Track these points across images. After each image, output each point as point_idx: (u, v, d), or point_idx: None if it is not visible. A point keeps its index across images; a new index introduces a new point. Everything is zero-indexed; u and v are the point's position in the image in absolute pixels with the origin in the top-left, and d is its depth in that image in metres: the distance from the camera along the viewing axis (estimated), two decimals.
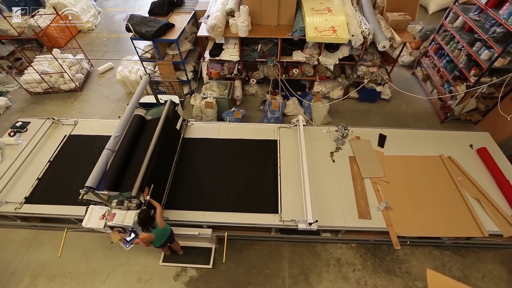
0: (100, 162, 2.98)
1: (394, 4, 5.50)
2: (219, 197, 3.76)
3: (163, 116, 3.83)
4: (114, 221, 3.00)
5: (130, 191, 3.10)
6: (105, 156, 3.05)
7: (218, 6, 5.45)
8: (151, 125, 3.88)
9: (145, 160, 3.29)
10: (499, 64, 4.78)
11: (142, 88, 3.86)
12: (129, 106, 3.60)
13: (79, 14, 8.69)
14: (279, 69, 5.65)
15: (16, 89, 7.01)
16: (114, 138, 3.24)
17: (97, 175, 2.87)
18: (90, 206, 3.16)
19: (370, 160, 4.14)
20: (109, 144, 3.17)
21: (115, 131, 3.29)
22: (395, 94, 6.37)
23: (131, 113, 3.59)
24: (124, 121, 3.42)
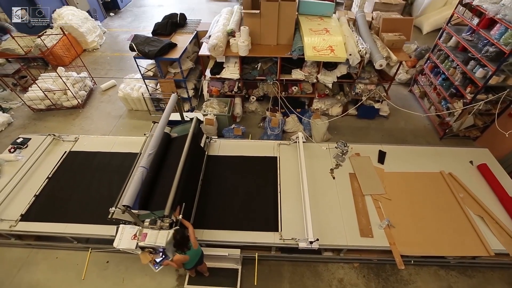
0: (135, 180, 2.91)
1: (389, 25, 5.70)
2: (219, 214, 3.70)
3: (190, 134, 3.80)
4: (146, 241, 2.85)
5: (161, 209, 2.99)
6: (140, 174, 2.98)
7: (220, 27, 5.65)
8: (177, 142, 3.85)
9: (176, 178, 3.20)
10: (494, 81, 4.88)
11: (172, 105, 3.87)
12: (160, 123, 3.58)
13: (85, 34, 8.99)
14: (278, 86, 5.75)
15: (19, 106, 7.10)
16: (148, 155, 3.18)
17: (133, 194, 2.79)
18: (121, 225, 3.02)
19: (370, 177, 4.12)
20: (143, 162, 3.11)
21: (149, 149, 3.24)
22: (394, 111, 6.45)
23: (163, 130, 3.56)
24: (156, 139, 3.38)
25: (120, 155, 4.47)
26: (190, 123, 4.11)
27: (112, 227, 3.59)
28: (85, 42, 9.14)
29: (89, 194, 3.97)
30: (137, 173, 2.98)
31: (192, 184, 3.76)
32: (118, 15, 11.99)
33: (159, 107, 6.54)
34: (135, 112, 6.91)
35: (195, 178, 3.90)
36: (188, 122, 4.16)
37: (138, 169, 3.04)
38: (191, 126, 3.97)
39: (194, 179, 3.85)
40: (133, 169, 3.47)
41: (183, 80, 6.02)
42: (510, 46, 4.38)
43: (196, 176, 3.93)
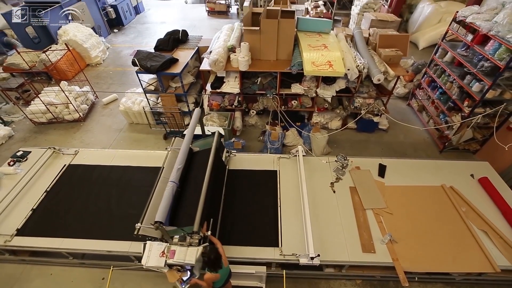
0: (166, 196, 2.86)
1: (386, 41, 5.84)
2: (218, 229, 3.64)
3: (213, 148, 3.77)
4: (175, 258, 2.74)
5: (188, 225, 2.91)
6: (171, 189, 2.94)
7: (220, 43, 5.79)
8: (200, 156, 3.82)
9: (202, 193, 3.13)
10: (490, 95, 4.94)
11: (196, 120, 3.87)
12: (186, 137, 3.57)
13: (89, 49, 9.20)
14: (278, 101, 5.82)
15: (21, 119, 7.16)
16: (177, 170, 3.15)
17: (166, 209, 2.74)
18: (148, 242, 2.91)
19: (371, 191, 4.09)
20: (172, 177, 3.08)
21: (177, 163, 3.21)
22: (393, 125, 6.49)
23: (189, 144, 3.55)
24: (183, 153, 3.37)
25: (119, 169, 4.46)
26: (212, 137, 4.08)
27: (108, 242, 3.53)
28: (89, 57, 9.33)
29: (87, 208, 3.92)
30: (167, 188, 2.92)
31: (216, 199, 3.69)
32: (121, 31, 12.32)
33: (160, 120, 6.59)
34: (135, 125, 6.95)
35: (219, 193, 3.84)
36: (210, 136, 4.14)
37: (168, 184, 2.97)
38: (214, 141, 3.92)
39: (218, 194, 3.78)
40: (157, 183, 3.43)
41: (184, 94, 6.10)
42: (504, 61, 4.47)
43: (219, 191, 3.86)
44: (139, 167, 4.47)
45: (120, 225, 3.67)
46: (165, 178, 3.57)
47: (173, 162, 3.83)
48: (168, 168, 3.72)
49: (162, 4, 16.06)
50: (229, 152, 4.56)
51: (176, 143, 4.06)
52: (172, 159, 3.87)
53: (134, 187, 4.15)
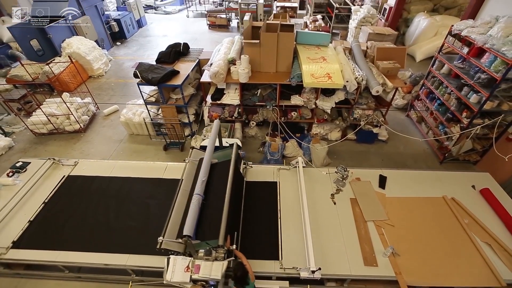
0: (192, 209, 2.83)
1: (383, 54, 5.95)
2: None
3: (233, 160, 3.74)
4: (200, 273, 2.66)
5: (212, 239, 2.84)
6: (197, 202, 2.90)
7: (221, 55, 5.89)
8: (219, 168, 3.78)
9: (225, 206, 3.08)
10: (488, 107, 4.98)
11: (216, 131, 3.87)
12: (208, 149, 3.55)
13: (91, 62, 9.35)
14: (278, 112, 5.86)
15: (21, 130, 7.19)
16: (202, 182, 3.12)
17: (193, 223, 2.70)
18: (172, 256, 2.83)
19: (372, 202, 4.05)
20: (197, 189, 3.05)
21: (201, 175, 3.19)
22: (392, 135, 6.51)
23: (211, 156, 3.54)
24: (206, 165, 3.35)
25: (118, 180, 4.43)
26: (229, 149, 4.06)
27: (106, 255, 3.47)
28: (91, 69, 9.48)
29: (84, 220, 3.87)
30: (193, 201, 2.89)
31: (237, 212, 3.64)
32: (124, 44, 12.57)
33: (160, 131, 6.61)
34: (135, 136, 6.97)
35: (239, 205, 3.79)
36: (227, 148, 4.13)
37: (193, 197, 2.94)
38: (233, 152, 3.90)
39: (238, 207, 3.73)
40: (176, 195, 3.40)
41: (184, 105, 6.15)
42: (500, 73, 4.54)
43: (239, 204, 3.81)
44: (139, 178, 4.45)
45: (118, 237, 3.61)
46: (185, 190, 3.55)
47: (191, 174, 3.82)
48: (187, 180, 3.70)
49: (164, 18, 16.46)
50: (246, 163, 4.53)
51: (193, 155, 4.06)
52: (190, 170, 3.86)
53: (133, 199, 4.11)
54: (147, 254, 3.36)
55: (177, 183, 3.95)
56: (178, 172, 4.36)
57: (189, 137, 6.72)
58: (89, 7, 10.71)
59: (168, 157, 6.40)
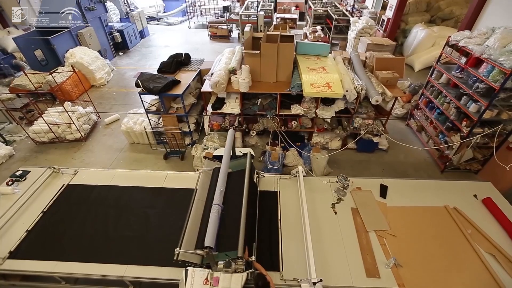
0: (212, 219, 2.78)
1: (382, 64, 6.03)
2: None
3: (247, 170, 3.70)
4: (219, 286, 2.59)
5: (231, 250, 2.78)
6: (216, 212, 2.86)
7: (222, 65, 5.97)
8: (233, 178, 3.74)
9: (242, 216, 3.03)
10: (488, 116, 5.01)
11: (231, 140, 3.85)
12: (225, 159, 3.53)
13: (94, 71, 9.48)
14: (278, 121, 5.89)
15: (22, 139, 7.21)
16: (220, 193, 3.09)
17: (214, 234, 2.65)
18: (189, 269, 2.75)
19: (373, 212, 4.01)
20: (216, 199, 3.01)
21: (219, 186, 3.15)
22: (393, 144, 6.51)
23: (228, 166, 3.52)
24: (224, 175, 3.33)
25: (118, 189, 4.41)
26: (243, 158, 4.04)
27: (103, 265, 3.42)
28: (94, 78, 9.59)
29: (83, 229, 3.83)
30: (213, 212, 2.85)
31: (253, 223, 3.58)
32: (126, 54, 12.76)
33: (160, 140, 6.63)
34: (136, 145, 6.99)
35: (254, 215, 3.74)
36: (241, 157, 4.13)
37: (213, 207, 2.90)
38: (247, 162, 3.86)
39: (253, 217, 3.68)
40: (191, 205, 3.37)
41: (185, 114, 6.19)
42: (498, 82, 4.58)
43: (254, 214, 3.75)
44: (138, 187, 4.43)
45: (116, 247, 3.56)
46: (200, 200, 3.52)
47: (206, 184, 3.79)
48: (202, 190, 3.66)
49: (166, 29, 16.78)
50: (258, 173, 4.52)
51: (206, 165, 4.04)
52: (204, 180, 3.84)
53: (132, 208, 4.08)
54: (145, 265, 3.31)
55: (176, 192, 3.92)
56: (178, 181, 4.34)
57: (189, 146, 6.74)
58: (93, 18, 10.94)
59: (168, 166, 6.39)
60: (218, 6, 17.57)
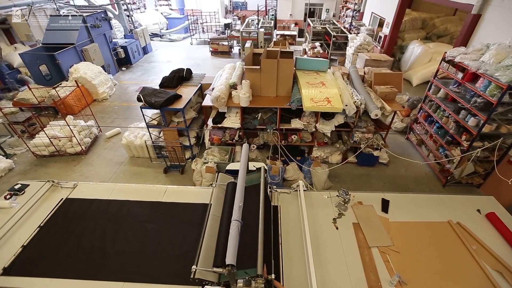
0: (233, 235, 2.71)
1: (380, 79, 6.13)
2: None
3: (262, 185, 3.68)
4: None
5: (250, 267, 2.71)
6: (236, 228, 2.79)
7: (222, 80, 6.07)
8: (247, 192, 3.73)
9: (260, 232, 2.97)
10: (487, 130, 5.02)
11: (246, 154, 3.84)
12: (241, 173, 3.50)
13: (97, 86, 9.64)
14: (278, 135, 5.92)
15: (23, 152, 7.22)
16: (239, 208, 3.03)
17: (235, 250, 2.58)
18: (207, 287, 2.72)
19: (375, 227, 3.94)
20: (235, 215, 2.95)
21: (237, 201, 3.11)
22: (393, 158, 6.50)
23: (244, 180, 3.48)
24: (241, 190, 3.29)
25: (117, 203, 4.36)
26: (256, 173, 4.02)
27: (99, 283, 3.33)
28: (96, 93, 9.74)
29: (80, 245, 3.75)
30: (233, 228, 2.78)
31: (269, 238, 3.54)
32: (129, 69, 13.02)
33: (161, 154, 6.63)
34: (136, 159, 6.98)
35: (270, 231, 3.69)
36: (254, 172, 4.11)
37: (232, 223, 2.84)
38: (261, 177, 3.84)
39: (269, 233, 3.64)
40: (206, 221, 3.32)
41: (185, 128, 6.23)
42: (496, 97, 4.63)
43: (269, 229, 3.71)
44: (137, 202, 4.38)
45: (113, 264, 3.48)
46: (215, 215, 3.46)
47: (220, 199, 3.75)
48: (217, 205, 3.61)
49: (169, 45, 17.21)
50: (271, 188, 4.48)
51: (220, 179, 4.02)
52: (219, 195, 3.80)
53: (131, 223, 4.02)
54: (142, 282, 3.22)
55: (176, 206, 3.88)
56: (178, 196, 4.30)
57: (189, 160, 6.73)
58: (98, 35, 11.26)
59: (168, 180, 6.36)
60: (219, 23, 18.11)
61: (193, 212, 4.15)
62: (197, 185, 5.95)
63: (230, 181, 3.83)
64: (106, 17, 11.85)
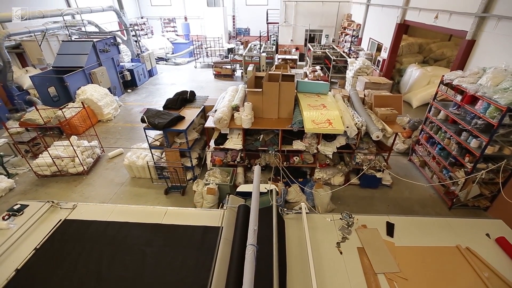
0: (248, 261, 2.64)
1: (380, 101, 6.22)
2: None
3: (274, 207, 3.64)
4: None
5: None
6: (252, 253, 2.74)
7: (225, 102, 6.19)
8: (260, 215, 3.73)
9: (274, 257, 2.93)
10: (490, 151, 5.00)
11: (258, 176, 3.84)
12: (254, 195, 3.47)
13: (102, 107, 9.85)
14: (280, 157, 5.91)
15: (25, 172, 7.24)
16: (254, 232, 2.98)
17: (251, 277, 2.50)
18: None
19: (381, 252, 3.80)
20: (251, 239, 2.90)
21: (252, 224, 3.06)
22: (397, 180, 6.42)
23: (258, 203, 3.43)
24: (255, 213, 3.24)
25: (116, 225, 4.28)
26: (267, 195, 3.98)
27: None
28: (101, 114, 9.93)
29: (75, 269, 3.63)
30: (249, 253, 2.72)
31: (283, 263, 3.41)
32: (135, 91, 13.37)
33: (162, 175, 6.61)
34: (137, 179, 6.96)
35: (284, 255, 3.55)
36: (264, 194, 4.07)
37: (248, 248, 2.79)
38: (273, 199, 3.82)
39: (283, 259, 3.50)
40: (218, 245, 3.25)
41: (188, 149, 6.26)
42: (496, 119, 4.66)
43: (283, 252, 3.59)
44: (136, 224, 4.29)
45: None
46: (226, 239, 3.38)
47: (232, 221, 3.68)
48: (228, 228, 3.54)
49: (174, 68, 17.79)
50: (282, 210, 4.41)
51: (231, 201, 3.98)
52: (230, 218, 3.74)
53: (129, 246, 3.91)
54: None
55: (175, 229, 3.80)
56: (178, 218, 4.23)
57: (190, 181, 6.69)
58: (106, 59, 11.72)
59: (168, 201, 6.29)
60: (223, 48, 18.83)
61: (193, 235, 4.05)
62: (198, 207, 5.85)
63: (241, 204, 3.78)
64: (115, 43, 12.39)
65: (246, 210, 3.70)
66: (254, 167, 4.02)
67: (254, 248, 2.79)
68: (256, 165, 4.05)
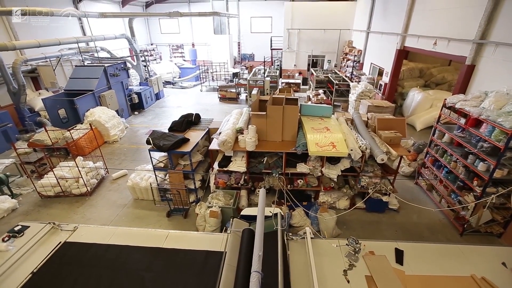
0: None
1: (384, 124, 6.25)
2: None
3: (280, 231, 3.61)
4: None
5: None
6: (257, 281, 2.69)
7: (229, 125, 6.29)
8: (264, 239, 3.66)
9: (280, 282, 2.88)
10: (498, 175, 4.89)
11: (264, 200, 3.82)
12: (259, 220, 3.43)
13: (109, 128, 10.05)
14: (284, 180, 5.86)
15: (29, 192, 7.25)
16: (259, 258, 2.93)
17: None
18: None
19: (391, 282, 3.61)
20: (255, 266, 2.85)
21: (257, 250, 3.01)
22: (404, 204, 6.25)
23: (263, 227, 3.39)
24: (260, 238, 3.19)
25: (116, 248, 4.18)
26: (271, 219, 3.93)
27: None
28: (108, 135, 10.11)
29: None
30: (253, 280, 2.67)
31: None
32: (141, 113, 13.70)
33: (165, 197, 6.56)
34: (140, 201, 6.90)
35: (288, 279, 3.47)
36: (269, 218, 4.01)
37: (252, 275, 2.73)
38: (278, 223, 3.77)
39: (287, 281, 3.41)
40: (221, 272, 3.18)
41: (191, 171, 6.26)
42: (502, 142, 4.61)
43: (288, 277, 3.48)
44: (137, 247, 4.19)
45: None
46: (230, 265, 3.29)
47: (236, 246, 3.59)
48: (232, 253, 3.45)
49: (180, 92, 18.32)
50: (287, 235, 4.30)
51: (235, 225, 3.91)
52: (234, 242, 3.66)
53: (128, 270, 3.79)
54: None
55: (176, 253, 3.71)
56: (179, 241, 4.14)
57: (193, 204, 6.61)
58: (116, 82, 12.17)
59: (170, 224, 6.18)
60: (228, 72, 19.46)
61: (194, 260, 3.92)
62: (200, 230, 5.73)
63: (246, 228, 3.70)
64: (125, 67, 12.93)
65: (251, 234, 3.61)
66: (259, 190, 3.98)
67: (259, 275, 2.69)
68: (261, 188, 4.01)
